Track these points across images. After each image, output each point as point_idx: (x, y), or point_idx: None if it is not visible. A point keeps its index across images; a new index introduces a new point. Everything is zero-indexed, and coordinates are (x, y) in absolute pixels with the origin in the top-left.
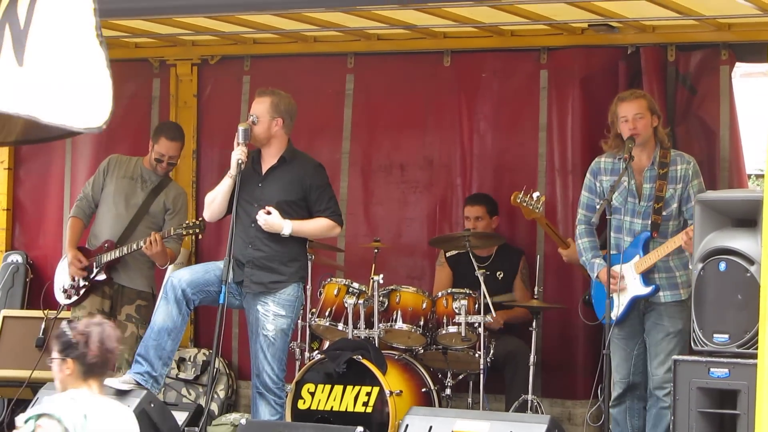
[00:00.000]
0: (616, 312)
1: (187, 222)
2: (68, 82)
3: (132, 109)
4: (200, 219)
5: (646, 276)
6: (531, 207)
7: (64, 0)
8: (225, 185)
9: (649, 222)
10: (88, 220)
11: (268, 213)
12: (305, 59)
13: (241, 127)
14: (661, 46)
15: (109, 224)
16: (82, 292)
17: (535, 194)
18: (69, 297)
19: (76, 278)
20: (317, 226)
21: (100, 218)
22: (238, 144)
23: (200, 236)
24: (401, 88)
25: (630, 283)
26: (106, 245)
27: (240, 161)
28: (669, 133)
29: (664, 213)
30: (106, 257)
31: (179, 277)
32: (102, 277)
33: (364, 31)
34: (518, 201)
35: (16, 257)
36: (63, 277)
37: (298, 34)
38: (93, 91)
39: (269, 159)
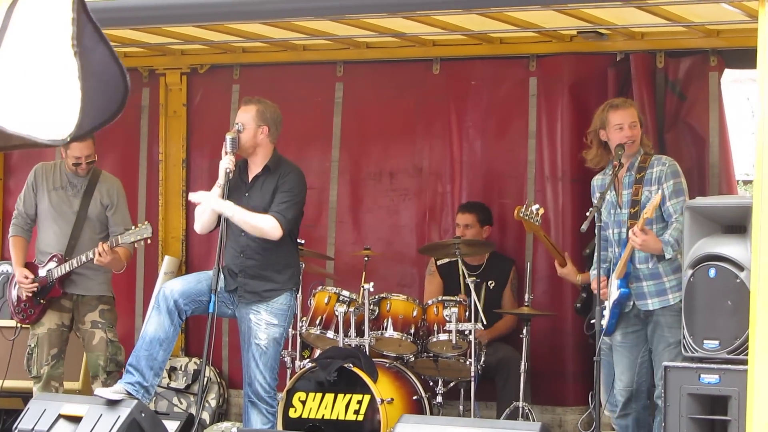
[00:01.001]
0: (606, 321)
1: (134, 227)
2: (37, 92)
3: (121, 118)
4: (146, 223)
5: (625, 280)
6: (532, 220)
7: (43, 9)
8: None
9: (625, 229)
10: (29, 236)
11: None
12: (294, 68)
13: (228, 137)
14: (650, 53)
15: (53, 239)
16: (38, 311)
17: (534, 207)
18: (27, 317)
19: (30, 295)
20: (256, 218)
21: (43, 234)
22: (226, 153)
23: (149, 241)
24: (390, 96)
25: (613, 290)
26: (55, 259)
27: (228, 170)
28: (656, 139)
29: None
30: (58, 272)
31: (171, 287)
32: (57, 292)
33: (353, 39)
34: (521, 216)
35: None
36: (17, 295)
37: (287, 43)
38: (60, 102)
39: (255, 168)
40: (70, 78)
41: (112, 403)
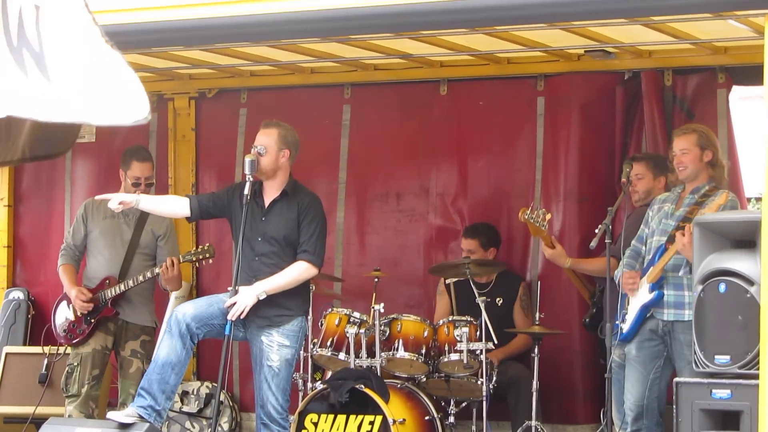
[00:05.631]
0: (627, 325)
1: (196, 248)
2: (100, 84)
3: (130, 143)
4: (208, 244)
5: (657, 285)
6: (538, 224)
7: (64, 17)
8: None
9: (665, 237)
10: (79, 264)
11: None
12: (302, 90)
13: (247, 159)
14: (658, 71)
15: (103, 266)
16: (87, 330)
17: (541, 210)
18: (74, 337)
19: (81, 315)
20: (290, 275)
21: (93, 262)
22: (245, 175)
23: (210, 261)
24: (398, 117)
25: (641, 293)
26: (107, 282)
27: (246, 193)
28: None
29: None
30: (111, 293)
31: (184, 311)
32: (109, 312)
33: (360, 61)
34: (525, 217)
35: (18, 294)
36: (65, 317)
37: (294, 66)
38: (127, 87)
39: (271, 192)
40: (121, 67)
41: (124, 427)
